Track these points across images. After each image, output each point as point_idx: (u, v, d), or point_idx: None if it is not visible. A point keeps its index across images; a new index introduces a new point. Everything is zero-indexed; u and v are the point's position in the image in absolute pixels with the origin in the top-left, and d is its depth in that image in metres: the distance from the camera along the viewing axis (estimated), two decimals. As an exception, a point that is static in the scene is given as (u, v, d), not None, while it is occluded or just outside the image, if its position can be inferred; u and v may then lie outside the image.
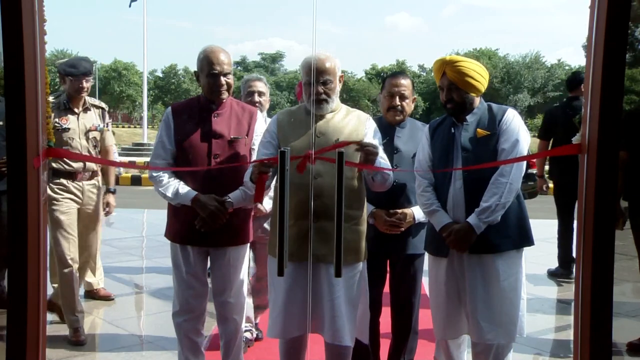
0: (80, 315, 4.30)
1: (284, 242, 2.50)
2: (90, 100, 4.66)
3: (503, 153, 3.02)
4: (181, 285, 3.38)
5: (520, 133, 3.05)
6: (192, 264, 3.34)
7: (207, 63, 3.27)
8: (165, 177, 3.29)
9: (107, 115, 4.81)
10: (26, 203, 2.10)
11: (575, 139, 2.51)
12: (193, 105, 3.39)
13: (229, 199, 3.21)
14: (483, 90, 3.13)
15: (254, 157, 3.27)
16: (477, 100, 3.16)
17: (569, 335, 4.70)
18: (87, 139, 4.54)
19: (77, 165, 4.48)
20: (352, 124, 3.12)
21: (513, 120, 3.07)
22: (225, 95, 3.32)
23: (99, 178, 4.72)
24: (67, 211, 4.41)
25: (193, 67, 3.44)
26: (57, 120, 4.39)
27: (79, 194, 4.52)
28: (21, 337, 2.14)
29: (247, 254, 3.48)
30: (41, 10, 2.19)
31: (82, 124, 4.53)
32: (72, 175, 4.48)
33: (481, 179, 3.02)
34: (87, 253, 4.86)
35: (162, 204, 4.07)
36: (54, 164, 4.39)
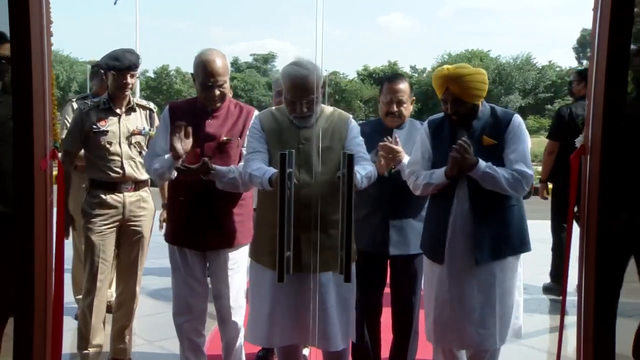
0: (93, 350, 3.84)
1: (284, 249, 2.44)
2: (136, 100, 4.01)
3: (510, 162, 3.02)
4: (180, 287, 3.39)
5: (527, 141, 3.09)
6: (190, 266, 3.35)
7: (202, 73, 3.24)
8: (155, 159, 3.29)
9: (155, 118, 4.04)
10: (33, 205, 2.10)
11: (579, 141, 2.53)
12: (190, 106, 3.39)
13: (214, 169, 3.16)
14: (485, 94, 3.12)
15: (244, 155, 3.25)
16: (481, 105, 3.15)
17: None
18: (130, 143, 3.86)
19: (114, 175, 3.80)
20: (335, 126, 3.10)
21: (519, 127, 3.09)
22: (218, 104, 3.32)
23: (147, 191, 4.00)
24: (100, 231, 3.79)
25: (185, 68, 3.51)
26: (94, 122, 3.79)
27: (119, 206, 3.83)
28: (28, 343, 2.13)
29: (246, 256, 3.45)
30: (48, 11, 2.18)
31: (124, 127, 3.86)
32: (110, 187, 3.82)
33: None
34: (123, 284, 4.01)
35: (158, 205, 4.09)
36: (89, 175, 3.86)
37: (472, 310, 3.04)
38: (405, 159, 3.30)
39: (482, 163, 2.94)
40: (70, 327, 4.00)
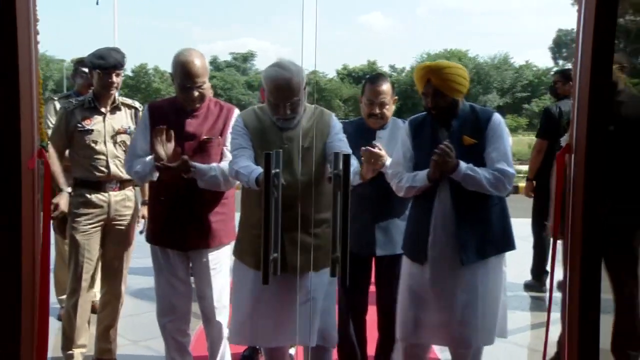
0: (77, 351, 3.83)
1: (268, 250, 2.37)
2: (121, 99, 3.97)
3: (492, 161, 3.03)
4: (163, 287, 3.38)
5: (507, 139, 3.11)
6: (173, 266, 3.34)
7: (180, 74, 3.22)
8: (136, 160, 3.29)
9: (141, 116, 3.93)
10: (20, 205, 2.07)
11: (564, 140, 2.56)
12: (169, 106, 3.37)
13: (194, 167, 3.14)
14: (466, 91, 3.14)
15: (227, 155, 3.26)
16: (460, 103, 3.16)
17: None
18: (115, 142, 3.84)
19: (99, 174, 3.79)
20: (317, 125, 3.08)
21: (499, 126, 3.10)
22: (198, 105, 3.31)
23: (132, 190, 3.98)
24: (85, 230, 3.77)
25: (163, 67, 3.47)
26: (79, 120, 3.77)
27: (104, 205, 3.81)
28: (15, 345, 2.11)
29: (229, 256, 3.44)
30: (34, 9, 2.16)
31: (109, 126, 3.84)
32: (95, 186, 3.80)
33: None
34: (108, 284, 3.97)
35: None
36: (74, 174, 3.85)
37: (454, 309, 3.04)
38: (389, 161, 3.31)
39: (462, 165, 2.95)
40: (52, 327, 3.96)
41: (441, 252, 3.07)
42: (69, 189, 3.73)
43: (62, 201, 3.65)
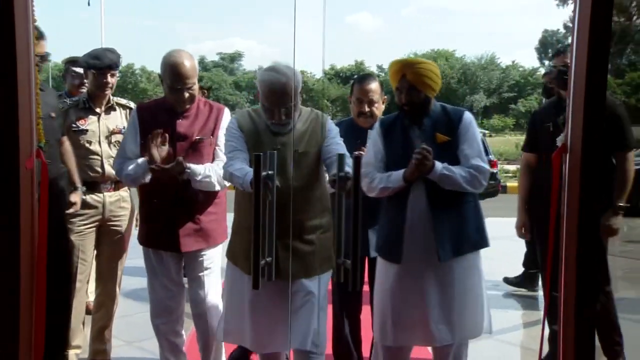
0: (72, 352, 3.83)
1: (259, 254, 2.29)
2: (116, 99, 3.97)
3: (466, 158, 3.05)
4: (157, 289, 3.37)
5: (479, 137, 3.14)
6: (166, 267, 3.34)
7: (170, 76, 3.20)
8: (126, 162, 3.26)
9: None
10: (19, 205, 2.07)
11: (560, 139, 2.57)
12: (158, 107, 3.36)
13: (189, 168, 3.15)
14: (438, 90, 3.16)
15: (220, 154, 3.26)
16: (432, 101, 3.17)
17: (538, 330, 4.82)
18: (109, 142, 3.86)
19: (94, 174, 3.81)
20: (311, 129, 3.06)
21: (471, 124, 3.13)
22: (188, 106, 3.30)
23: (127, 191, 3.99)
24: (79, 231, 3.76)
25: (151, 67, 3.45)
26: (73, 120, 3.79)
27: (98, 206, 3.82)
28: (14, 345, 2.10)
29: (221, 255, 3.44)
30: (32, 9, 2.15)
31: (104, 126, 3.85)
32: (89, 186, 3.79)
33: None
34: (103, 285, 3.98)
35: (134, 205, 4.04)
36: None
37: (432, 307, 3.04)
38: None
39: (438, 165, 2.96)
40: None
41: (417, 250, 3.06)
42: (84, 187, 3.72)
43: (78, 199, 3.64)
